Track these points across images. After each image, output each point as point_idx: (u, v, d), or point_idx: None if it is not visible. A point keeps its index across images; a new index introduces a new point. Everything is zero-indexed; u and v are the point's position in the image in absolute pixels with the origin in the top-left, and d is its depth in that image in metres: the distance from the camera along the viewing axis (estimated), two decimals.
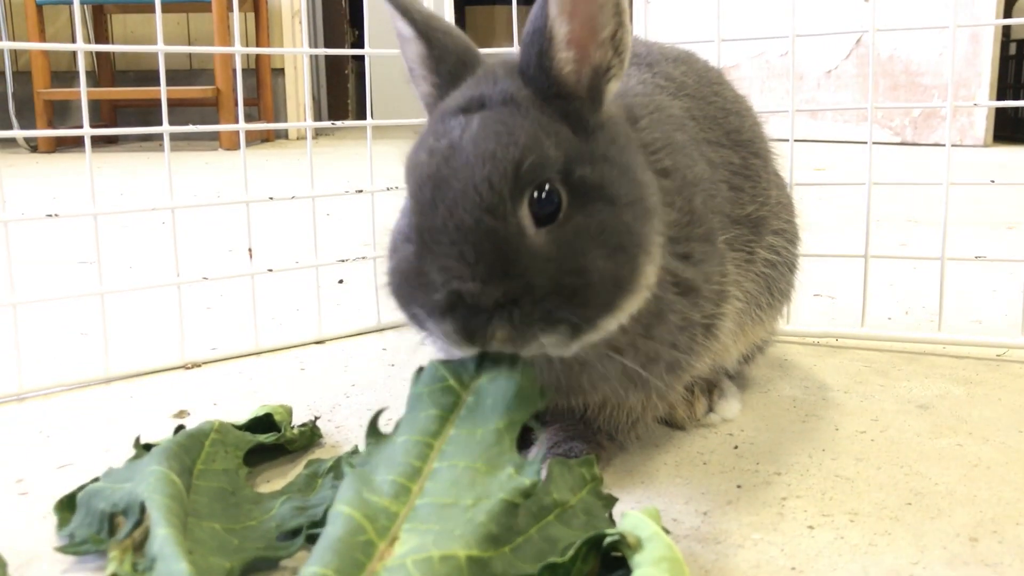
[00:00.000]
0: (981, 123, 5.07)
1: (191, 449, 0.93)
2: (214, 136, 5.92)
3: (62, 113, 6.20)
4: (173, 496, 0.79)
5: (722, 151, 0.99)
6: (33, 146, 5.71)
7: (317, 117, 7.40)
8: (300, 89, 6.60)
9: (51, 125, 5.69)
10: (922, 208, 2.48)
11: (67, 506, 0.88)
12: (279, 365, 1.40)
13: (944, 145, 1.36)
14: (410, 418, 0.81)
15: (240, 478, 0.93)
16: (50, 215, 1.28)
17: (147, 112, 6.58)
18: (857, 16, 5.27)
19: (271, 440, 1.03)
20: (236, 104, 5.80)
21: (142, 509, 0.79)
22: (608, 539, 0.71)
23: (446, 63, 0.92)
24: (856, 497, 0.93)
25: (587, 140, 0.83)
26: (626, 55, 0.85)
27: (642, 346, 0.89)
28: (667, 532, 0.74)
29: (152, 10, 6.35)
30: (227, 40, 5.63)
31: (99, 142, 6.32)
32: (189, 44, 6.65)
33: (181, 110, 6.52)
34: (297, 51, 1.48)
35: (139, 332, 1.56)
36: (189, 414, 1.19)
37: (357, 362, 1.40)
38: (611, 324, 0.83)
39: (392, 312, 0.88)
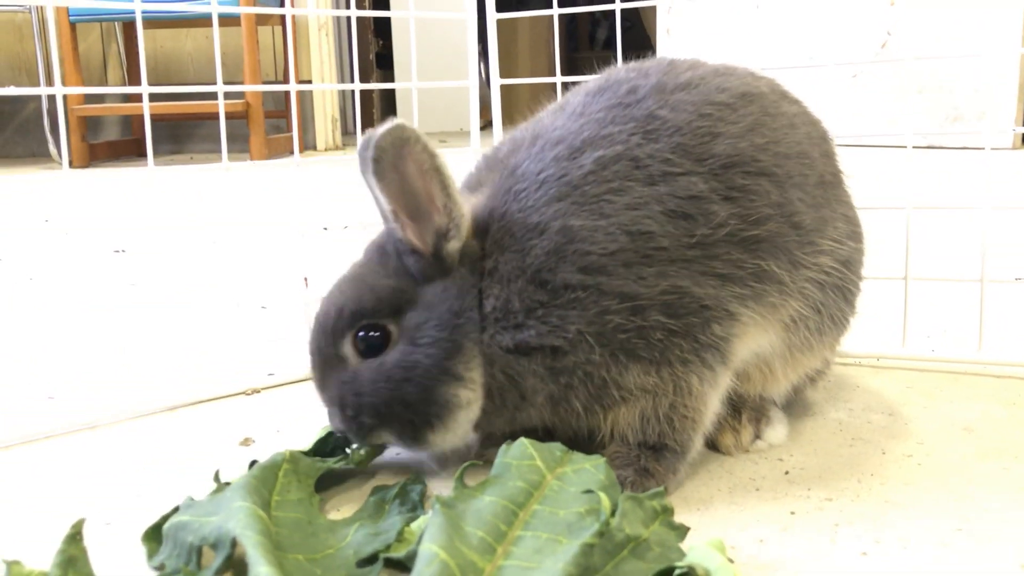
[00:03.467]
0: (1008, 126, 5.06)
1: (267, 481, 0.97)
2: (244, 148, 6.00)
3: (95, 128, 6.31)
4: (264, 532, 0.83)
5: (676, 180, 1.01)
6: (68, 160, 5.81)
7: (344, 128, 7.46)
8: (328, 99, 6.68)
9: (84, 141, 5.79)
10: (958, 223, 2.49)
11: (154, 536, 0.92)
12: None
13: (972, 148, 1.39)
14: (499, 483, 0.89)
15: (314, 507, 0.97)
16: (117, 251, 1.33)
17: (177, 126, 6.68)
18: (882, 16, 5.28)
19: (339, 465, 1.07)
20: (265, 118, 5.88)
21: (233, 544, 0.83)
22: (677, 572, 0.75)
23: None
24: (907, 523, 0.96)
25: (424, 288, 1.02)
26: (460, 220, 1.00)
27: (532, 400, 1.03)
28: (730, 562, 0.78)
29: (182, 25, 6.49)
30: (256, 54, 5.71)
31: (129, 155, 6.43)
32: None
33: (211, 123, 6.62)
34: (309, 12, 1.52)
35: (197, 359, 1.61)
36: (254, 441, 1.24)
37: None
38: (440, 437, 1.03)
39: None
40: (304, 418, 1.32)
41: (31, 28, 6.20)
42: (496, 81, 1.73)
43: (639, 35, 10.36)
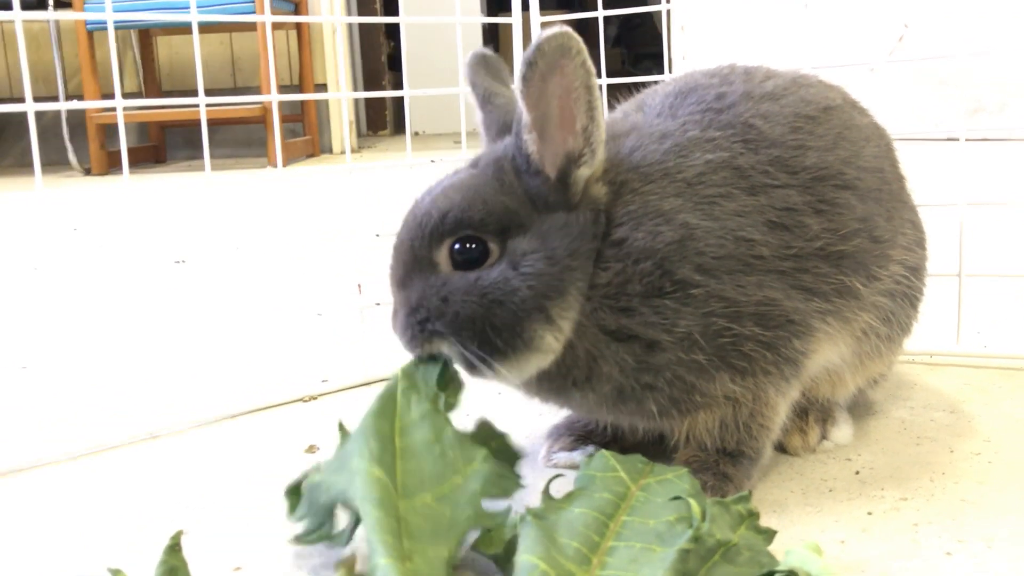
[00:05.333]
0: None
1: (386, 411, 0.95)
2: (261, 153, 6.02)
3: (113, 136, 6.33)
4: (382, 501, 0.82)
5: (774, 192, 1.02)
6: (87, 168, 5.84)
7: (357, 130, 7.47)
8: (343, 102, 6.69)
9: (103, 148, 5.81)
10: (1002, 218, 2.49)
11: (295, 492, 0.94)
12: None
13: (993, 139, 1.38)
14: (586, 495, 0.89)
15: (439, 415, 0.95)
16: (178, 261, 1.34)
17: (193, 131, 6.69)
18: (900, 9, 5.27)
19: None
20: (285, 121, 5.89)
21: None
22: (763, 572, 0.75)
23: (492, 130, 1.11)
24: (987, 522, 0.96)
25: (541, 216, 0.97)
26: (598, 147, 0.97)
27: (596, 384, 1.00)
28: None
29: (197, 31, 6.51)
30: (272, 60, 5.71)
31: (146, 162, 6.45)
32: (233, 64, 6.76)
33: (227, 128, 6.64)
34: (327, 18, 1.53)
35: (254, 366, 1.61)
36: (319, 448, 1.25)
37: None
38: (504, 368, 0.96)
39: None
40: None
41: (48, 36, 6.23)
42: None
43: (648, 33, 10.38)
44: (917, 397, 1.33)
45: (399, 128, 8.75)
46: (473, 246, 0.96)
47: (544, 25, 1.01)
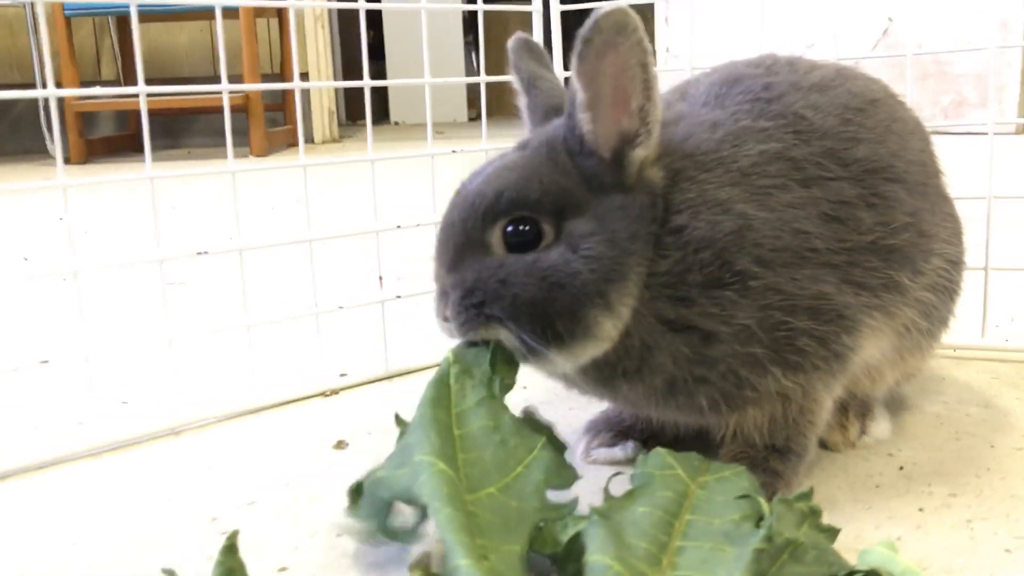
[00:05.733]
0: (1012, 110, 5.09)
1: (441, 399, 0.93)
2: (244, 142, 5.95)
3: (91, 123, 6.23)
4: (452, 498, 0.80)
5: (829, 185, 1.00)
6: (65, 157, 5.74)
7: (337, 120, 7.40)
8: (324, 92, 6.62)
9: (81, 136, 5.71)
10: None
11: (357, 490, 0.92)
12: (414, 388, 1.42)
13: (977, 133, 1.37)
14: (647, 494, 0.86)
15: (496, 399, 0.93)
16: (200, 252, 1.31)
17: (173, 120, 6.61)
18: (884, 3, 5.29)
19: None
20: (266, 110, 5.82)
21: (425, 509, 0.82)
22: (845, 572, 0.74)
23: (537, 114, 1.10)
24: None
25: (597, 197, 0.95)
26: (654, 126, 0.95)
27: (647, 376, 0.98)
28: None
29: (176, 19, 6.42)
30: (255, 47, 5.65)
31: (126, 151, 6.36)
32: (213, 52, 6.67)
33: (206, 117, 6.56)
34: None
35: (272, 360, 1.58)
36: (348, 444, 1.22)
37: None
38: (560, 356, 0.93)
39: None
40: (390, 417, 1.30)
41: (23, 22, 6.11)
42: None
43: None
44: (949, 391, 1.32)
45: (380, 118, 8.69)
46: (527, 228, 0.93)
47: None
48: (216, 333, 1.35)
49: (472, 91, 9.16)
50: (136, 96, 1.26)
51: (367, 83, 1.50)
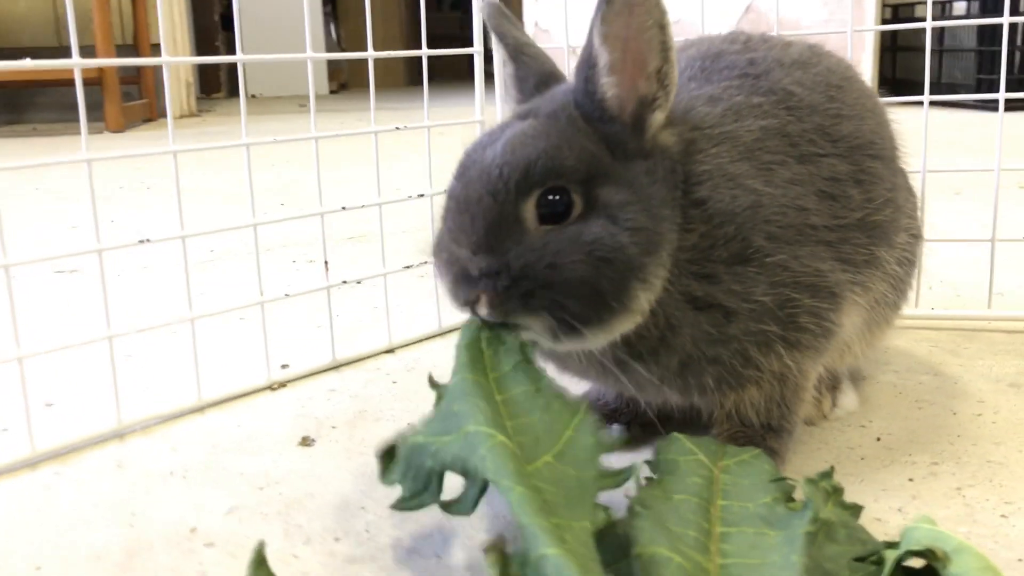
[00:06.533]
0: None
1: (476, 363, 0.87)
2: (98, 117, 5.60)
3: None
4: (519, 474, 0.75)
5: (822, 161, 1.01)
6: None
7: (190, 92, 7.07)
8: (181, 64, 6.31)
9: None
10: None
11: (390, 454, 0.86)
12: (364, 377, 1.37)
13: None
14: (677, 481, 0.85)
15: (530, 363, 0.89)
16: (142, 240, 1.20)
17: (15, 94, 6.17)
18: None
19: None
20: (120, 83, 5.50)
21: (484, 482, 0.77)
22: (897, 554, 0.74)
23: (528, 83, 1.06)
24: (1019, 484, 0.99)
25: (622, 164, 0.91)
26: (672, 88, 0.92)
27: (663, 355, 0.95)
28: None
29: None
30: (108, 16, 5.33)
31: None
32: (56, 21, 6.24)
33: (54, 91, 6.14)
34: None
35: (209, 354, 1.47)
36: (314, 440, 1.16)
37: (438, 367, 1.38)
38: (596, 334, 0.89)
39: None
40: (356, 413, 1.24)
41: None
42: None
43: None
44: (896, 361, 1.37)
45: (234, 91, 8.36)
46: (558, 198, 0.88)
47: None
48: (150, 327, 1.25)
49: (333, 63, 8.93)
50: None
51: (310, 56, 1.40)
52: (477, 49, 1.53)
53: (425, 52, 1.47)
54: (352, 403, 1.27)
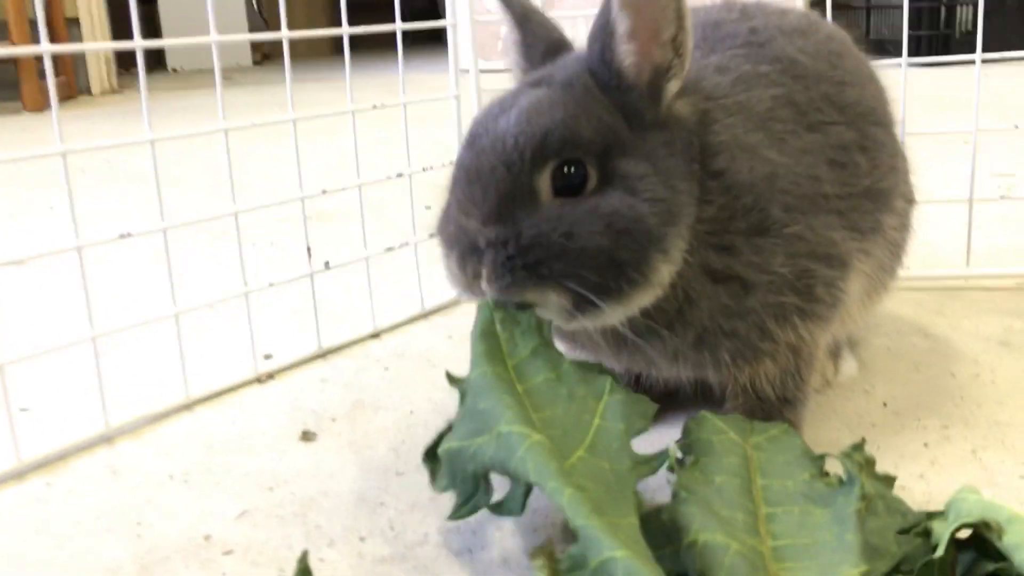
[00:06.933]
0: None
1: (494, 353, 0.85)
2: (13, 96, 5.37)
3: None
4: (562, 473, 0.73)
5: (830, 129, 1.01)
6: None
7: (109, 69, 6.82)
8: (99, 36, 6.08)
9: None
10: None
11: (432, 456, 0.86)
12: (354, 365, 1.33)
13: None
14: (715, 462, 0.84)
15: (551, 350, 0.87)
16: (123, 235, 1.14)
17: None
18: None
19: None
20: (37, 61, 5.27)
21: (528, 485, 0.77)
22: (955, 525, 0.74)
23: (536, 50, 1.02)
24: None
25: (639, 135, 0.89)
26: (687, 56, 0.90)
27: (680, 329, 0.94)
28: None
29: None
30: None
31: None
32: None
33: None
34: None
35: (192, 347, 1.41)
36: (315, 435, 1.12)
37: (427, 351, 1.35)
38: (614, 308, 0.87)
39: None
40: (353, 403, 1.20)
41: None
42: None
43: None
44: (885, 324, 1.37)
45: (155, 65, 8.10)
46: (574, 169, 0.85)
47: None
48: (133, 322, 1.19)
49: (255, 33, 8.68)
50: None
51: (214, 39, 1.34)
52: (451, 22, 1.48)
53: (400, 26, 1.42)
54: (347, 393, 1.23)
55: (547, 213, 0.84)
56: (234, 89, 5.92)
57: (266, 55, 9.25)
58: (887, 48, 5.45)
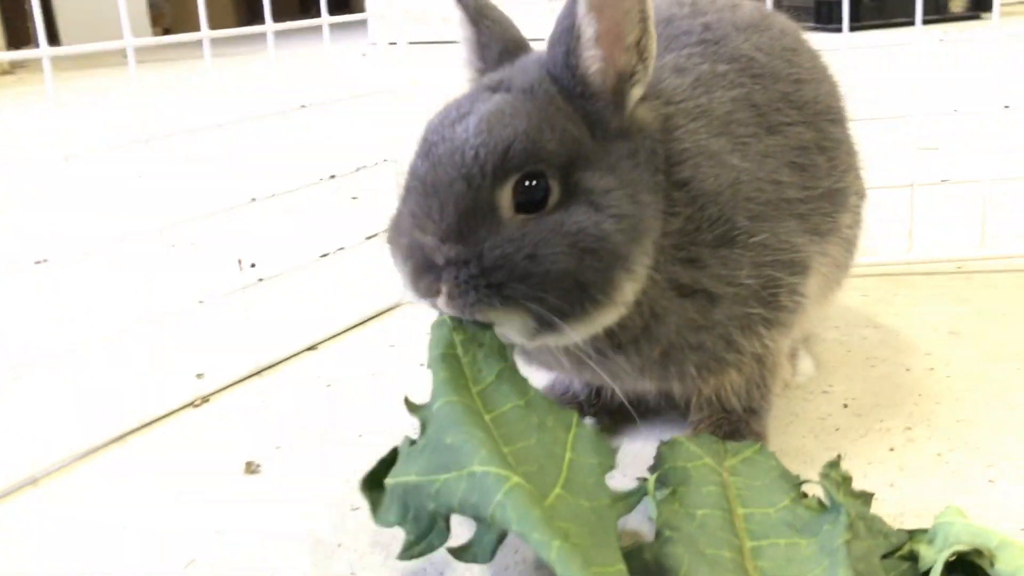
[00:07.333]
0: None
1: (457, 380, 0.80)
2: None
3: None
4: (547, 521, 0.68)
5: (790, 131, 0.98)
6: None
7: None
8: None
9: None
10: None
11: (375, 484, 0.79)
12: (293, 382, 1.26)
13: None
14: (693, 492, 0.81)
15: (516, 373, 0.82)
16: (39, 262, 1.05)
17: None
18: None
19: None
20: None
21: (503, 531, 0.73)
22: (947, 554, 0.72)
23: (491, 50, 0.97)
24: (997, 442, 1.00)
25: (602, 146, 0.85)
26: (651, 61, 0.87)
27: (645, 346, 0.91)
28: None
29: None
30: None
31: None
32: None
33: None
34: None
35: (118, 372, 1.32)
36: (259, 466, 1.06)
37: (371, 364, 1.29)
38: (576, 328, 0.84)
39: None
40: (296, 427, 1.14)
41: None
42: None
43: None
44: (834, 315, 1.36)
45: (49, 41, 7.71)
46: (536, 183, 0.81)
47: None
48: (57, 350, 1.10)
49: (155, 8, 8.39)
50: None
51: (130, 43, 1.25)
52: (373, 13, 1.41)
53: (327, 20, 1.34)
54: (289, 416, 1.17)
55: (509, 232, 0.80)
56: (139, 68, 5.65)
57: (166, 30, 8.93)
58: (799, 13, 5.47)
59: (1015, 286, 1.42)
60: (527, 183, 0.81)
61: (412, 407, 0.83)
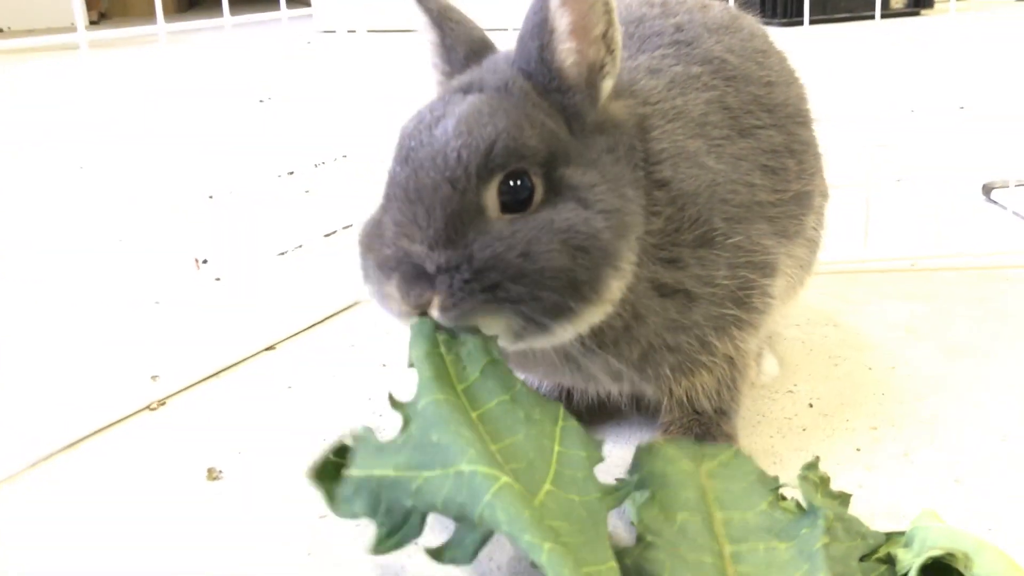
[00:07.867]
0: None
1: (442, 377, 0.77)
2: None
3: None
4: (538, 522, 0.68)
5: (762, 134, 0.99)
6: None
7: None
8: None
9: None
10: None
11: (327, 473, 0.75)
12: (252, 382, 1.23)
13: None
14: (673, 497, 0.80)
15: (501, 367, 0.80)
16: None
17: None
18: None
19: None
20: None
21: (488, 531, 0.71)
22: (923, 558, 0.73)
23: (457, 52, 0.95)
24: (963, 441, 1.02)
25: (582, 140, 0.85)
26: (618, 53, 0.86)
27: (625, 346, 0.91)
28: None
29: None
30: None
31: None
32: None
33: None
34: None
35: (69, 375, 1.28)
36: (221, 472, 1.03)
37: (331, 364, 1.27)
38: (565, 328, 0.83)
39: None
40: (260, 429, 1.11)
41: None
42: None
43: None
44: (794, 313, 1.36)
45: None
46: (521, 182, 0.80)
47: None
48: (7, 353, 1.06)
49: None
50: None
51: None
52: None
53: (286, 13, 1.31)
54: (249, 418, 1.14)
55: (498, 232, 0.78)
56: (75, 52, 5.50)
57: (103, 14, 8.70)
58: (750, 5, 5.54)
59: (969, 284, 1.45)
60: (512, 182, 0.80)
61: (396, 404, 0.81)
